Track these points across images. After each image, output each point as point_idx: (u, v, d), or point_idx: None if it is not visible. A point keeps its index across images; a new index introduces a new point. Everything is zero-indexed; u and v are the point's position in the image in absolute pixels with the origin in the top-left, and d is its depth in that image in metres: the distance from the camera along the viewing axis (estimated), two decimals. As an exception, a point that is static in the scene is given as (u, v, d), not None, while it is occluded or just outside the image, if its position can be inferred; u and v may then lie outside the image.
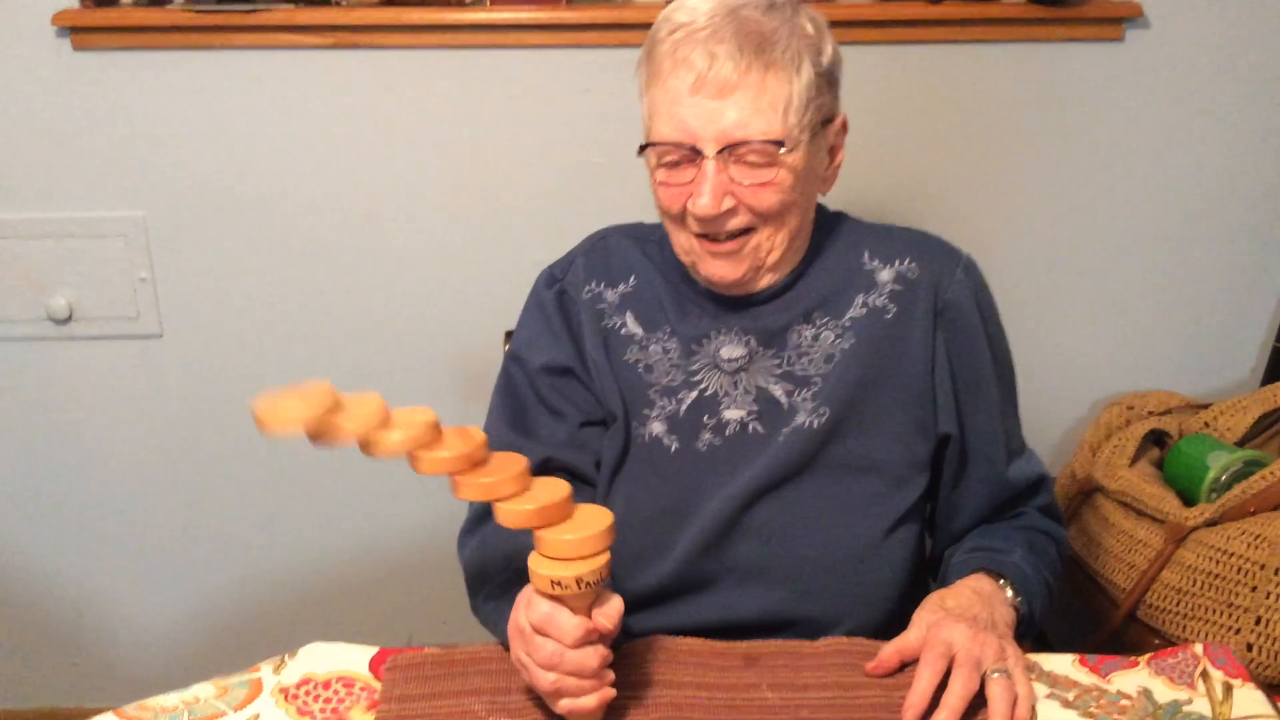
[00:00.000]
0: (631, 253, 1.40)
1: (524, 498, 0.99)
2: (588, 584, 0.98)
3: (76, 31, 1.87)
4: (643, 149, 1.26)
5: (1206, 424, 1.96)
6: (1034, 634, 1.29)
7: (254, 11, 1.85)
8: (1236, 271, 2.09)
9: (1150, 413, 2.01)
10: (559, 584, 0.98)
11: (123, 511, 2.16)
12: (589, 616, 1.01)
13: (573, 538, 0.98)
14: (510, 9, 1.87)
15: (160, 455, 2.13)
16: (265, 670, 1.15)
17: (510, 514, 0.99)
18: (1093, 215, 2.04)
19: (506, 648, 1.14)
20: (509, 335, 1.66)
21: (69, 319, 2.03)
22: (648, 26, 1.37)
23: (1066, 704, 1.10)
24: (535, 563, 0.99)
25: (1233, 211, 2.05)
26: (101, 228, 1.98)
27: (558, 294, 1.38)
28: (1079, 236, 2.05)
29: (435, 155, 1.96)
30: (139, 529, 2.18)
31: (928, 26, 1.90)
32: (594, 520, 1.00)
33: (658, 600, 1.28)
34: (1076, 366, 2.14)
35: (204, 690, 1.12)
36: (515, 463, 1.01)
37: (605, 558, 1.00)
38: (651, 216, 1.46)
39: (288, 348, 2.07)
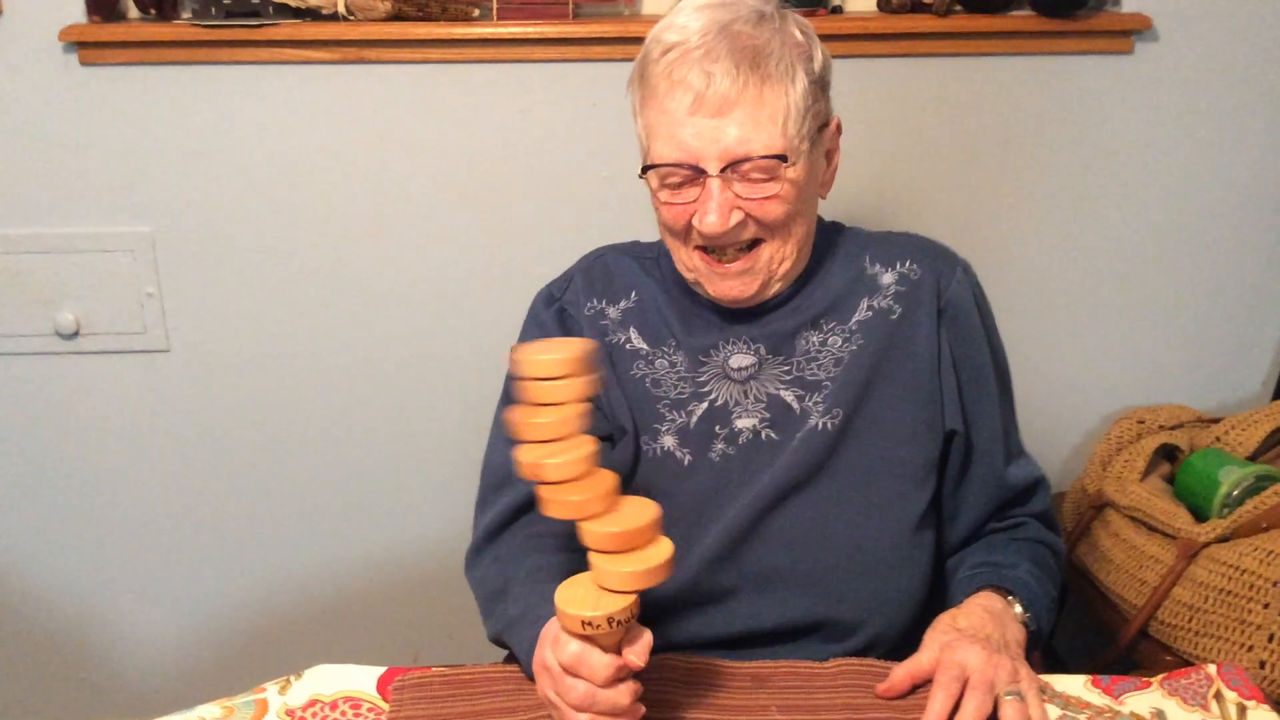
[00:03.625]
0: (631, 270, 1.40)
1: (611, 519, 0.98)
2: (619, 622, 0.96)
3: (83, 47, 1.87)
4: (645, 171, 1.26)
5: (1218, 438, 1.94)
6: (1040, 646, 1.28)
7: (260, 26, 1.85)
8: (1247, 285, 2.08)
9: (1161, 427, 2.00)
10: (590, 624, 0.95)
11: (129, 526, 2.16)
12: (619, 654, 0.99)
13: (631, 570, 0.96)
14: (517, 23, 1.87)
15: (167, 470, 2.12)
16: (271, 691, 1.15)
17: (597, 535, 0.97)
18: (1102, 228, 2.04)
19: (516, 663, 1.14)
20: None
21: (76, 334, 2.02)
22: (656, 41, 1.37)
23: (1079, 726, 1.10)
24: (564, 602, 0.97)
25: (1243, 224, 2.04)
26: (109, 243, 1.98)
27: (557, 312, 1.39)
28: (1089, 250, 2.05)
29: (442, 170, 1.96)
30: (145, 544, 2.17)
31: (936, 39, 1.90)
32: (654, 553, 0.98)
33: (676, 610, 1.27)
34: (1087, 380, 2.13)
35: (209, 711, 1.12)
36: (605, 481, 0.99)
37: (635, 595, 0.97)
38: (655, 231, 1.46)
39: (294, 362, 2.06)
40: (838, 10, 1.92)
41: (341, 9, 1.85)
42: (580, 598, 0.97)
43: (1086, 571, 1.93)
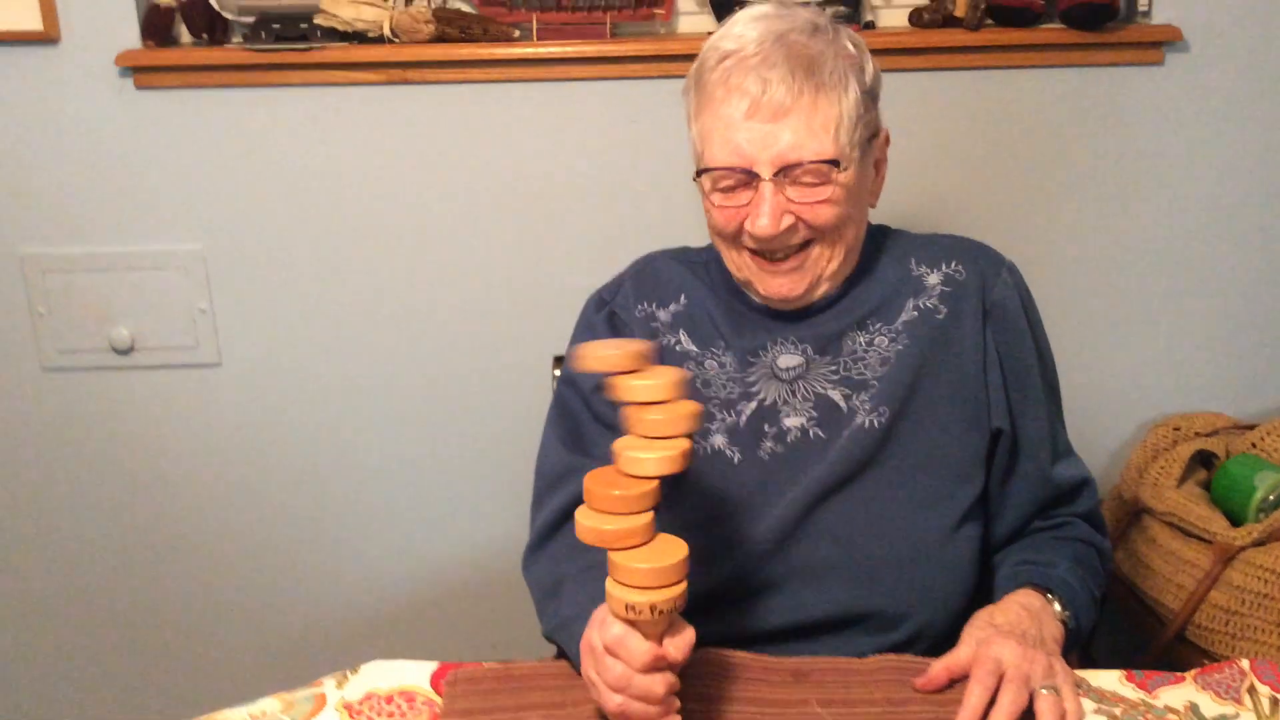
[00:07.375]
0: (680, 274, 1.43)
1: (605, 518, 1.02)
2: (661, 612, 0.99)
3: (139, 71, 1.93)
4: (699, 174, 1.29)
5: (1254, 444, 1.95)
6: (1080, 645, 1.30)
7: (309, 50, 1.90)
8: (1281, 292, 2.09)
9: (1197, 433, 2.00)
10: (633, 609, 0.99)
11: (183, 534, 2.20)
12: (660, 643, 1.02)
13: (646, 567, 0.99)
14: (556, 43, 1.91)
15: (219, 479, 2.17)
16: (329, 685, 1.18)
17: (587, 532, 1.01)
18: (1136, 238, 2.05)
19: (575, 663, 1.17)
20: (557, 360, 1.70)
21: (131, 349, 2.08)
22: (691, 57, 1.42)
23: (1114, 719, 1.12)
24: (611, 585, 1.01)
25: (1277, 233, 2.05)
26: (162, 260, 2.04)
27: (608, 315, 1.42)
28: (1123, 259, 2.06)
29: (485, 186, 2.01)
30: (199, 552, 2.22)
31: (968, 53, 1.93)
32: (670, 551, 1.01)
33: (724, 602, 1.30)
34: (1122, 388, 2.13)
35: (270, 705, 1.15)
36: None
37: (681, 588, 1.01)
38: (696, 242, 1.50)
39: (342, 375, 2.11)
40: (870, 25, 1.95)
41: (387, 32, 1.90)
42: (625, 586, 1.01)
43: (1123, 577, 1.94)
